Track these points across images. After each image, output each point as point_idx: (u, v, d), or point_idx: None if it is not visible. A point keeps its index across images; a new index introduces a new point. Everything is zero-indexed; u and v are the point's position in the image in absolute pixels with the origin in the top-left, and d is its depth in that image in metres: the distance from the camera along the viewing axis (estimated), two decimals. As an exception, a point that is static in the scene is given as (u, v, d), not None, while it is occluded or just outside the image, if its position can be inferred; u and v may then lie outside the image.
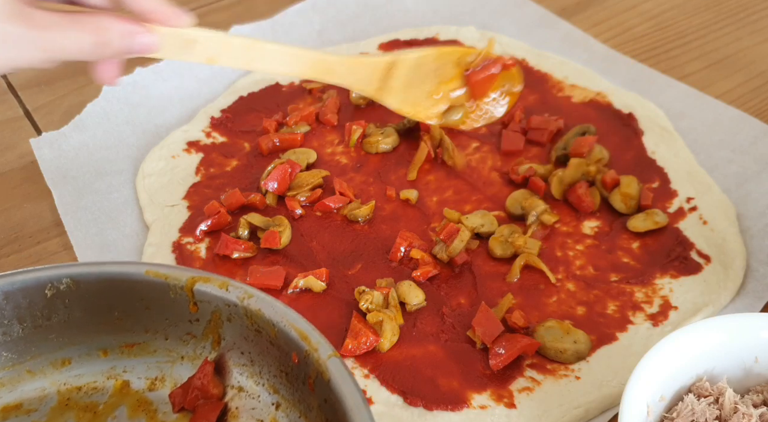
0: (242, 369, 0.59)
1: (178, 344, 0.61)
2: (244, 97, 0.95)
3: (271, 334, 0.56)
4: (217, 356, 0.60)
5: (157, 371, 0.62)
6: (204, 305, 0.59)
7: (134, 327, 0.61)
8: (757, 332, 0.57)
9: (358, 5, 1.10)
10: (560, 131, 0.87)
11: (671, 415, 0.55)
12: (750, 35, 1.02)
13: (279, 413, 0.58)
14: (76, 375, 0.61)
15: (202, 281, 0.59)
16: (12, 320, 0.59)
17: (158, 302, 0.60)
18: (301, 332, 0.54)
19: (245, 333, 0.58)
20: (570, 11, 1.08)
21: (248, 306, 0.57)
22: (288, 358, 0.55)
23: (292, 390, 0.57)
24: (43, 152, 0.88)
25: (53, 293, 0.59)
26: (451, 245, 0.73)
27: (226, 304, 0.58)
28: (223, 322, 0.59)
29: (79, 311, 0.60)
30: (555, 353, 0.65)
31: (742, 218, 0.77)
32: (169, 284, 0.59)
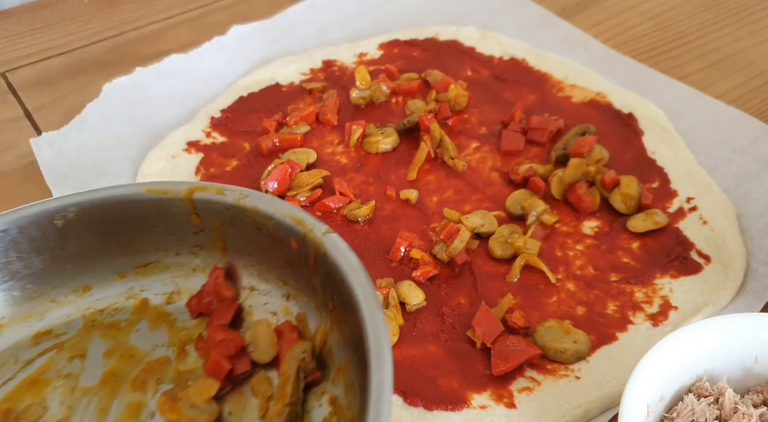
0: (251, 270, 0.64)
1: (189, 257, 0.65)
2: (244, 97, 0.95)
3: (270, 228, 0.60)
4: (227, 263, 0.64)
5: (173, 285, 0.66)
6: (206, 214, 0.62)
7: (145, 248, 0.65)
8: (757, 332, 0.57)
9: (358, 5, 1.10)
10: (560, 131, 0.87)
11: (671, 415, 0.55)
12: (750, 35, 1.02)
13: (290, 303, 0.62)
14: (97, 299, 0.65)
15: (199, 191, 0.62)
16: (30, 253, 0.63)
17: (163, 218, 0.63)
18: (296, 218, 0.58)
19: (248, 234, 0.62)
20: (570, 11, 1.08)
21: (245, 205, 0.60)
22: (289, 247, 0.59)
23: (298, 278, 0.61)
24: (43, 152, 0.88)
25: (63, 222, 0.63)
26: (451, 245, 0.73)
27: (225, 208, 0.61)
28: (227, 228, 0.62)
29: (90, 238, 0.64)
30: (555, 353, 0.65)
31: (742, 218, 0.77)
32: (169, 199, 0.62)
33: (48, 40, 1.10)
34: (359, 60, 1.00)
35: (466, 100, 0.91)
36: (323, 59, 1.01)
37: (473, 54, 1.00)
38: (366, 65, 0.98)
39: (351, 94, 0.92)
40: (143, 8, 1.15)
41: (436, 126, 0.85)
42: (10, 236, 0.61)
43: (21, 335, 0.63)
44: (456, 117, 0.89)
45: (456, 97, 0.90)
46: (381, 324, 0.50)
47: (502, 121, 0.89)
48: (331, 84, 0.96)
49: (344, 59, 1.01)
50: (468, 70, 0.98)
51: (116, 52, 1.07)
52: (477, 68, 0.98)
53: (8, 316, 0.63)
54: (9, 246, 0.62)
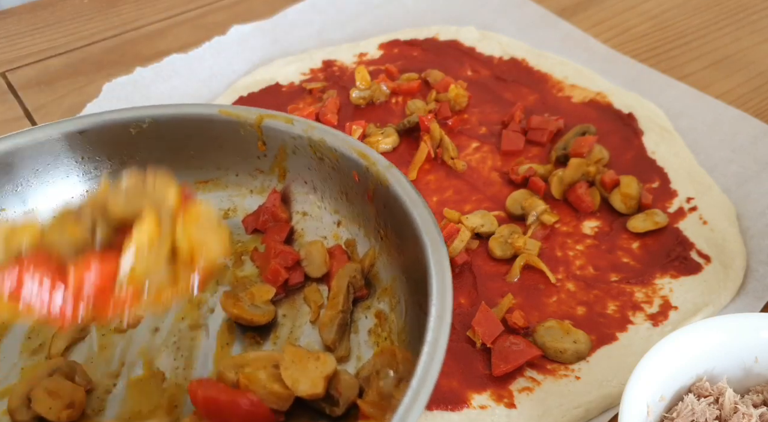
0: (305, 196, 0.69)
1: (248, 179, 0.70)
2: (244, 97, 0.95)
3: (333, 159, 0.64)
4: (284, 187, 0.69)
5: (230, 203, 0.71)
6: (271, 140, 0.67)
7: (208, 165, 0.70)
8: (757, 332, 0.57)
9: (358, 5, 1.10)
10: (560, 131, 0.87)
11: (671, 415, 0.55)
12: (750, 35, 1.02)
13: (340, 229, 0.69)
14: None
15: (269, 118, 0.66)
16: (102, 155, 0.67)
17: (230, 140, 0.67)
18: (361, 151, 0.63)
19: (309, 163, 0.66)
20: (570, 11, 1.08)
21: (312, 136, 0.65)
22: (348, 178, 0.64)
23: (351, 208, 0.67)
24: (43, 152, 0.88)
25: (137, 131, 0.67)
26: (451, 245, 0.73)
27: (291, 137, 0.66)
28: (289, 155, 0.67)
29: (158, 150, 0.68)
30: (555, 353, 0.65)
31: (742, 218, 0.77)
32: (240, 122, 0.67)
33: (48, 40, 1.10)
34: (359, 60, 1.00)
35: (466, 100, 0.91)
36: (323, 59, 1.01)
37: (473, 54, 1.00)
38: (366, 65, 0.98)
39: (351, 94, 0.92)
40: (143, 8, 1.15)
41: (436, 126, 0.85)
42: (86, 136, 0.65)
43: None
44: (456, 117, 0.89)
45: (456, 97, 0.90)
46: (443, 250, 0.55)
47: (502, 121, 0.89)
48: (331, 84, 0.96)
49: (344, 59, 1.01)
50: (468, 70, 0.98)
51: (116, 52, 1.07)
52: (477, 68, 0.98)
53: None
54: (85, 147, 0.66)
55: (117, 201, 0.47)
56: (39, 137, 0.65)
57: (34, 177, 0.66)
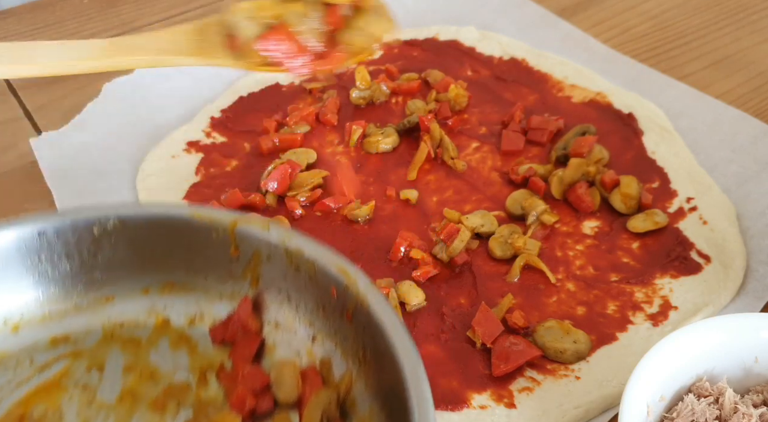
0: (279, 305, 0.63)
1: (218, 283, 0.64)
2: (244, 97, 0.95)
3: (311, 272, 0.59)
4: (255, 294, 0.63)
5: (197, 308, 0.64)
6: (245, 246, 0.62)
7: (176, 267, 0.64)
8: (757, 332, 0.57)
9: (358, 5, 1.10)
10: (560, 131, 0.87)
11: (671, 415, 0.55)
12: (750, 35, 1.02)
13: (315, 345, 0.61)
14: (119, 311, 0.64)
15: (244, 223, 0.62)
16: (61, 256, 0.62)
17: (201, 243, 0.63)
18: (341, 267, 0.58)
19: (284, 272, 0.61)
20: (570, 11, 1.08)
21: (288, 246, 0.60)
22: (326, 293, 0.59)
23: (328, 323, 0.60)
24: (43, 152, 0.88)
25: (101, 232, 0.62)
26: (451, 245, 0.73)
27: (266, 244, 0.61)
28: (263, 261, 0.62)
29: (123, 250, 0.63)
30: (555, 353, 0.65)
31: (742, 218, 0.77)
32: (212, 226, 0.62)
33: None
34: (359, 60, 1.00)
35: (466, 100, 0.91)
36: (323, 59, 1.00)
37: (473, 54, 1.00)
38: (366, 65, 0.98)
39: (351, 95, 0.92)
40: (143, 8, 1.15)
41: (436, 126, 0.85)
42: (45, 237, 0.61)
43: (39, 336, 0.63)
44: (456, 117, 0.89)
45: (456, 97, 0.90)
46: (424, 382, 0.50)
47: (502, 121, 0.89)
48: (331, 84, 0.96)
49: (344, 59, 1.00)
50: (468, 70, 0.98)
51: (116, 52, 1.07)
52: (477, 68, 0.98)
53: (28, 315, 0.63)
54: (42, 248, 0.61)
55: None
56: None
57: None
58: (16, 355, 0.62)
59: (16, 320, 0.63)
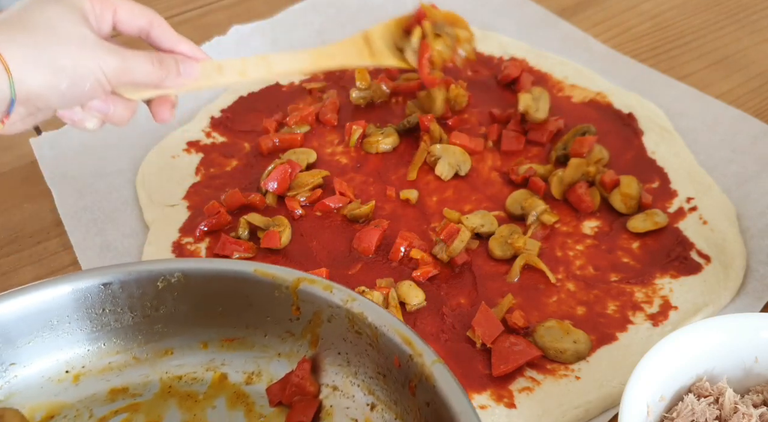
0: (338, 368, 0.61)
1: (277, 341, 0.63)
2: (244, 97, 0.95)
3: (373, 337, 0.57)
4: (314, 354, 0.62)
5: (254, 366, 0.64)
6: (306, 305, 0.61)
7: (236, 323, 0.64)
8: (757, 332, 0.57)
9: (358, 5, 1.10)
10: (560, 131, 0.87)
11: (671, 415, 0.55)
12: (750, 35, 1.02)
13: (374, 414, 0.59)
14: (177, 364, 0.64)
15: (307, 283, 0.61)
16: (124, 308, 0.63)
17: (262, 300, 0.62)
18: (405, 337, 0.56)
19: (344, 334, 0.60)
20: (570, 11, 1.08)
21: (351, 309, 0.58)
22: (388, 361, 0.57)
23: (388, 392, 0.58)
24: (43, 152, 0.88)
25: (164, 285, 0.62)
26: (451, 245, 0.73)
27: (328, 305, 0.60)
28: (323, 322, 0.61)
29: (185, 304, 0.63)
30: (555, 353, 0.65)
31: (742, 218, 0.77)
32: (275, 284, 0.61)
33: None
34: (359, 60, 1.00)
35: (466, 100, 0.91)
36: (323, 59, 1.00)
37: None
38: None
39: (351, 95, 0.92)
40: (143, 8, 1.15)
41: (436, 126, 0.85)
42: (110, 289, 0.62)
43: (98, 387, 0.63)
44: (456, 117, 0.89)
45: (456, 97, 0.90)
46: None
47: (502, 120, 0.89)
48: (331, 84, 0.96)
49: (344, 59, 1.00)
50: (468, 70, 0.98)
51: (116, 52, 1.07)
52: (477, 68, 0.98)
53: (89, 366, 0.63)
54: (106, 299, 0.62)
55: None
56: (59, 292, 0.61)
57: (49, 329, 0.61)
58: (75, 406, 0.62)
59: (78, 370, 0.63)
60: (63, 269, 0.77)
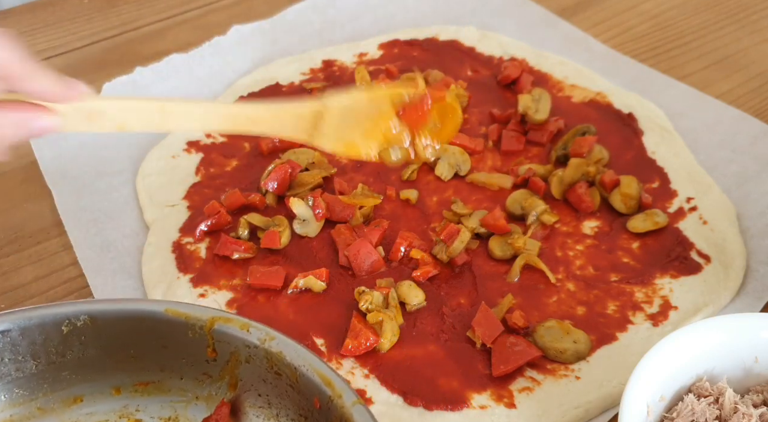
0: (259, 411, 0.59)
1: (194, 384, 0.60)
2: (244, 97, 0.94)
3: (292, 378, 0.55)
4: (233, 397, 0.59)
5: (171, 411, 0.61)
6: (222, 345, 0.58)
7: (149, 366, 0.60)
8: (757, 332, 0.57)
9: (358, 5, 1.10)
10: (560, 131, 0.87)
11: (671, 415, 0.55)
12: (750, 35, 1.02)
13: None
14: (87, 413, 0.60)
15: (222, 322, 0.58)
16: (26, 356, 0.58)
17: (176, 341, 0.59)
18: (325, 377, 0.54)
19: (264, 375, 0.57)
20: (570, 11, 1.08)
21: (269, 348, 0.56)
22: (309, 403, 0.55)
23: None
24: (43, 152, 0.88)
25: (70, 329, 0.58)
26: (452, 245, 0.73)
27: (245, 345, 0.57)
28: (242, 363, 0.58)
29: (94, 348, 0.59)
30: (555, 353, 0.65)
31: (742, 218, 0.77)
32: (188, 324, 0.58)
33: (48, 40, 1.09)
34: (359, 60, 1.00)
35: (466, 100, 0.91)
36: (323, 59, 1.01)
37: (473, 54, 1.00)
38: (366, 65, 0.98)
39: (351, 94, 0.92)
40: (143, 8, 1.15)
41: (436, 126, 0.85)
42: (9, 337, 0.57)
43: None
44: (456, 117, 0.89)
45: (456, 97, 0.90)
46: None
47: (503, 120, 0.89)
48: (331, 84, 0.96)
49: (344, 59, 1.01)
50: (468, 70, 0.98)
51: (116, 52, 1.07)
52: (477, 68, 0.98)
53: None
54: (5, 348, 0.57)
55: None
56: None
57: None
58: None
59: None
60: (63, 269, 0.77)
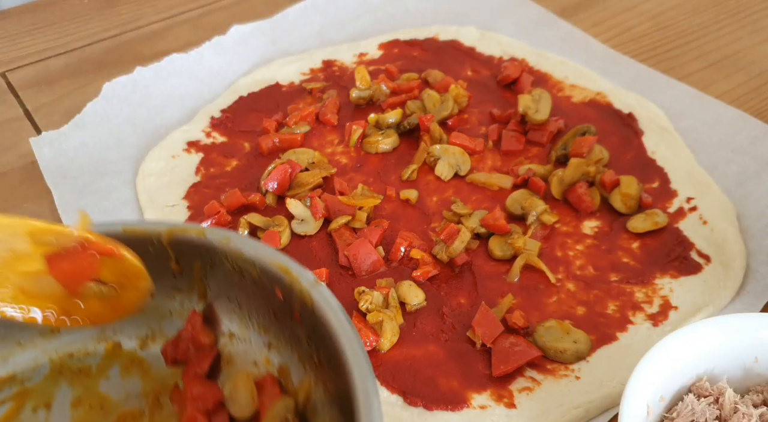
0: (231, 315, 0.59)
1: (165, 300, 0.60)
2: (244, 97, 0.95)
3: (254, 274, 0.55)
4: (206, 306, 0.60)
5: (147, 329, 0.61)
6: (184, 256, 0.58)
7: None
8: (757, 332, 0.57)
9: (358, 5, 1.10)
10: (560, 131, 0.87)
11: (671, 415, 0.55)
12: (750, 35, 1.02)
13: (271, 352, 0.58)
14: (66, 342, 0.61)
15: (179, 232, 0.58)
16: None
17: (143, 260, 0.58)
18: (282, 266, 0.54)
19: (229, 278, 0.58)
20: (570, 11, 1.08)
21: (228, 249, 0.56)
22: (273, 296, 0.55)
23: (281, 328, 0.57)
24: (43, 152, 0.88)
25: None
26: (452, 245, 0.73)
27: (206, 250, 0.57)
28: (207, 271, 0.58)
29: None
30: (555, 353, 0.65)
31: (742, 218, 0.77)
32: (147, 240, 0.58)
33: (48, 40, 1.10)
34: (359, 60, 1.00)
35: (466, 100, 0.91)
36: (323, 59, 1.01)
37: (473, 54, 1.00)
38: (366, 65, 0.98)
39: (351, 95, 0.92)
40: (143, 8, 1.15)
41: (436, 126, 0.85)
42: None
43: None
44: (456, 117, 0.89)
45: (456, 97, 0.90)
46: (370, 385, 0.46)
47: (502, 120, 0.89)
48: (331, 84, 0.96)
49: (344, 59, 1.01)
50: (468, 70, 0.98)
51: (116, 52, 1.07)
52: (477, 68, 0.98)
53: None
54: None
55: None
56: None
57: None
58: None
59: None
60: (63, 269, 0.77)
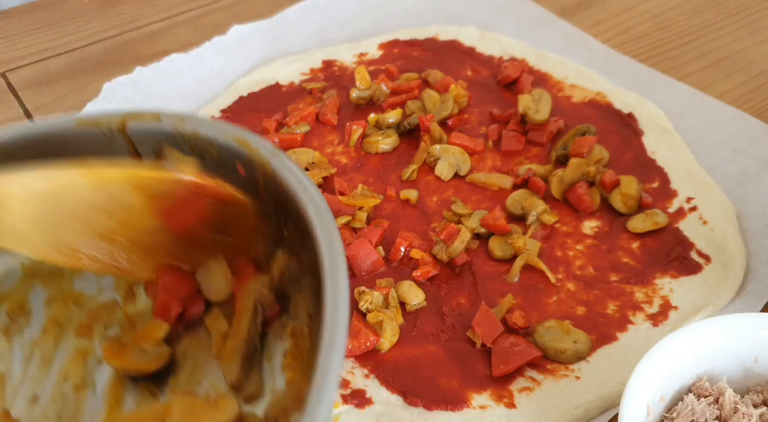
0: None
1: None
2: (244, 97, 0.95)
3: (214, 154, 0.53)
4: None
5: None
6: (142, 144, 0.55)
7: None
8: (757, 332, 0.57)
9: (358, 5, 1.10)
10: (560, 131, 0.87)
11: (671, 415, 0.55)
12: (750, 35, 1.02)
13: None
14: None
15: (133, 119, 0.55)
16: None
17: (100, 153, 0.55)
18: (240, 139, 0.51)
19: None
20: (570, 11, 1.08)
21: (184, 131, 0.53)
22: (236, 173, 0.53)
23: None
24: (43, 152, 0.87)
25: None
26: (452, 245, 0.73)
27: (163, 136, 0.54)
28: (168, 157, 0.55)
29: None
30: (555, 353, 0.65)
31: (742, 218, 0.77)
32: (102, 131, 0.55)
33: (48, 40, 1.10)
34: (359, 60, 1.00)
35: (466, 100, 0.91)
36: (323, 59, 1.01)
37: (473, 54, 1.00)
38: (366, 65, 0.98)
39: (351, 95, 0.92)
40: (143, 8, 1.15)
41: (436, 126, 0.85)
42: None
43: None
44: (456, 117, 0.89)
45: (456, 97, 0.90)
46: (336, 245, 0.44)
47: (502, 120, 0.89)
48: (331, 84, 0.96)
49: (344, 59, 1.01)
50: (468, 70, 0.98)
51: (116, 52, 1.07)
52: (477, 68, 0.98)
53: None
54: None
55: None
56: None
57: None
58: None
59: None
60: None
